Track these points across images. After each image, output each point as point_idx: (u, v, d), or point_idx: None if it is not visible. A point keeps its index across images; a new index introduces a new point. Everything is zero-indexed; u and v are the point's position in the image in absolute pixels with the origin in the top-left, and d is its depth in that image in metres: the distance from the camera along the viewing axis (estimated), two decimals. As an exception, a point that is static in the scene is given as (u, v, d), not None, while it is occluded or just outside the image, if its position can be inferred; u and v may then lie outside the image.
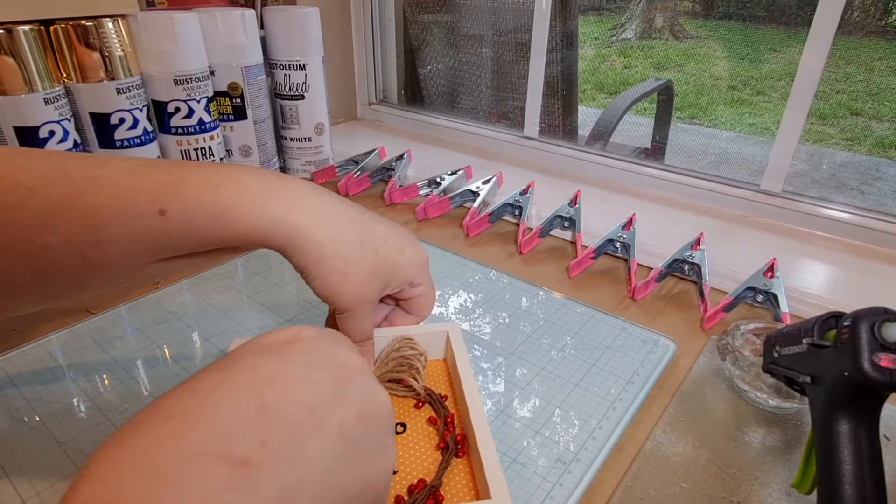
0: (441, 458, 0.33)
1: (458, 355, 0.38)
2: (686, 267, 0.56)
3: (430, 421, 0.36)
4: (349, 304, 0.33)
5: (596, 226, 0.62)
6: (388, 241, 0.34)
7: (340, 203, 0.33)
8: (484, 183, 0.71)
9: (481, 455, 0.31)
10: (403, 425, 0.36)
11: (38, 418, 0.38)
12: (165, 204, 0.27)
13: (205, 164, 0.30)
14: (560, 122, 1.21)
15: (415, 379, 0.37)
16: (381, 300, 0.39)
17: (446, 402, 0.37)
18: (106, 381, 0.41)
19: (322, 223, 0.30)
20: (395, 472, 0.32)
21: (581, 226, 0.62)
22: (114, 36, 0.56)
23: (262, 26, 0.72)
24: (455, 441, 0.34)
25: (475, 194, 0.70)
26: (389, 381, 0.38)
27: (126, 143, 0.59)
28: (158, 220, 0.27)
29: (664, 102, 1.52)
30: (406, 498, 0.31)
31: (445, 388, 0.39)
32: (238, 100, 0.68)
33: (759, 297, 0.51)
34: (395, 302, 0.40)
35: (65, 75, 0.55)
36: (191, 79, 0.62)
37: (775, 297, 0.50)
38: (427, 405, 0.37)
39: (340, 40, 0.97)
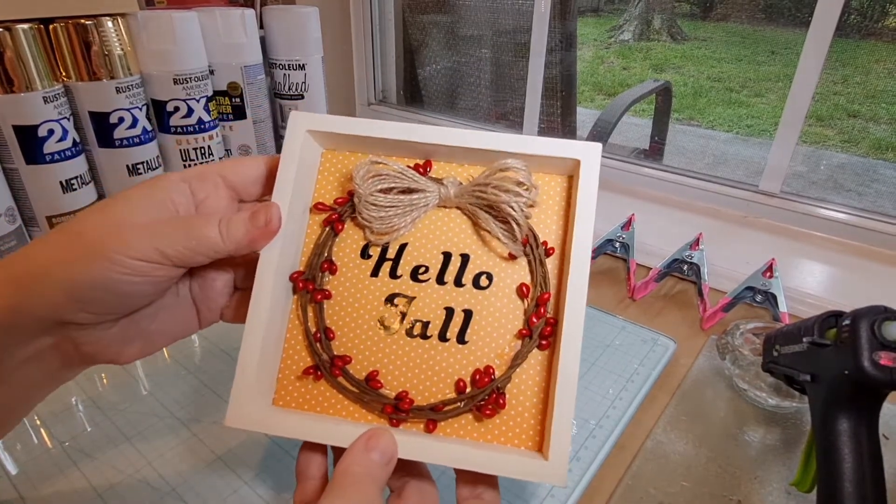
0: (521, 347, 0.26)
1: (581, 201, 0.29)
2: (685, 267, 0.56)
3: (520, 291, 0.27)
4: None
5: (595, 226, 0.62)
6: None
7: None
8: (483, 183, 0.71)
9: (558, 377, 0.24)
10: (490, 276, 0.27)
11: (37, 418, 0.38)
12: None
13: None
14: (559, 123, 1.21)
15: (509, 232, 0.27)
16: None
17: (549, 259, 0.27)
18: (105, 381, 0.41)
19: None
20: (465, 343, 0.26)
21: (580, 226, 0.62)
22: (113, 35, 0.56)
23: (261, 26, 0.71)
24: (542, 331, 0.26)
25: (475, 194, 0.69)
26: (480, 206, 0.27)
27: (125, 142, 0.59)
28: None
29: (662, 103, 1.52)
30: (468, 386, 0.26)
31: (554, 237, 0.28)
32: (237, 99, 0.68)
33: (758, 297, 0.51)
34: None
35: (64, 74, 0.55)
36: (190, 78, 0.62)
37: (774, 296, 0.50)
38: (523, 259, 0.27)
39: (340, 40, 0.97)
